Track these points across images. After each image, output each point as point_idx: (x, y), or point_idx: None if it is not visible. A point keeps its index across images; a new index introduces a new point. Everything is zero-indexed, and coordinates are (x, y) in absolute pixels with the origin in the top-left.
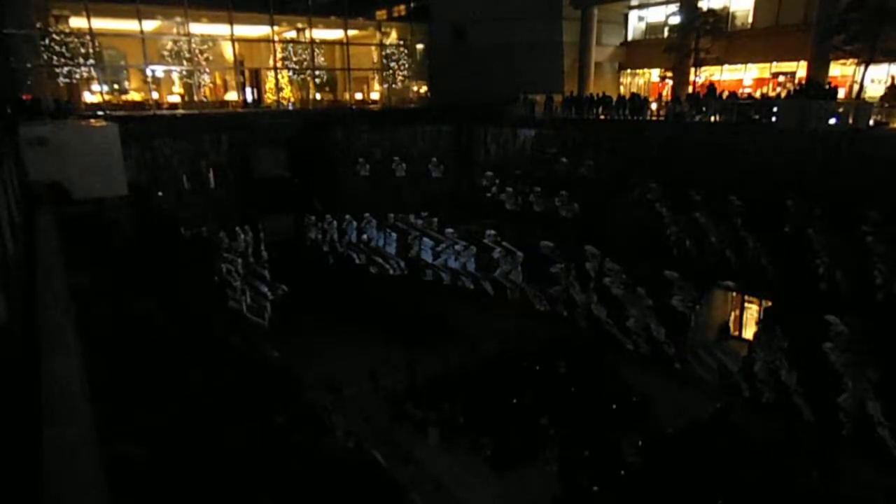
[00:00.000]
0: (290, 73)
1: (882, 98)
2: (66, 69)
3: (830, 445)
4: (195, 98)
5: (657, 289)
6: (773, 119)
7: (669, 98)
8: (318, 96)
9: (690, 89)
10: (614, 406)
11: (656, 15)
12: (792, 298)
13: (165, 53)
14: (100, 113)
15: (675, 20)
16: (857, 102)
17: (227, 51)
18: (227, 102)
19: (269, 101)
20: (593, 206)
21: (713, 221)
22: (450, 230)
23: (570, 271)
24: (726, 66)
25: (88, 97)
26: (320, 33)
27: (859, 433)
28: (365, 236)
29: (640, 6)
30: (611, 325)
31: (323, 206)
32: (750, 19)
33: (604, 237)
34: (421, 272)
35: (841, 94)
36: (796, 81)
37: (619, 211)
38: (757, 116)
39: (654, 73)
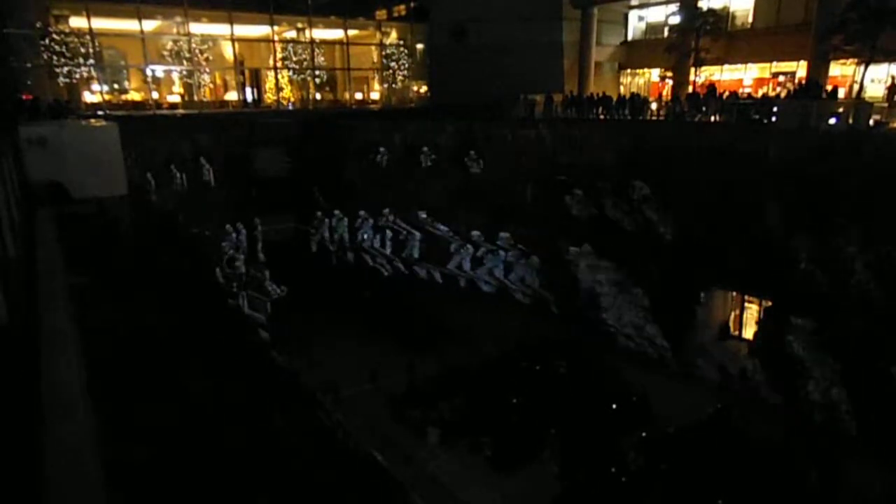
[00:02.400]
0: (290, 73)
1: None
2: (66, 69)
3: (830, 445)
4: (195, 98)
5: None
6: (774, 119)
7: (669, 98)
8: (318, 96)
9: (690, 89)
10: (614, 406)
11: (656, 15)
12: (842, 312)
13: (165, 53)
14: (100, 113)
15: (675, 20)
16: (857, 102)
17: (227, 51)
18: (227, 102)
19: (269, 100)
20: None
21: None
22: (476, 233)
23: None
24: (726, 66)
25: (88, 97)
26: (320, 33)
27: (861, 433)
28: (367, 236)
29: (640, 6)
30: (666, 349)
31: (328, 204)
32: (750, 19)
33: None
34: (428, 276)
35: (841, 94)
36: (796, 81)
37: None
38: (757, 116)
39: (654, 73)
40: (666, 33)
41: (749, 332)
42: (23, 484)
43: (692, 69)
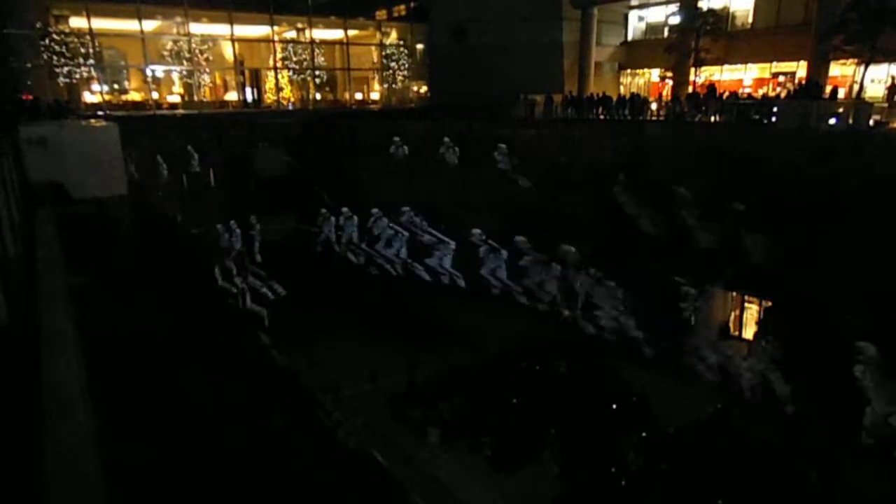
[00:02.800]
0: (290, 73)
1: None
2: (66, 69)
3: (830, 446)
4: (195, 98)
5: None
6: (773, 119)
7: (669, 98)
8: (318, 96)
9: (690, 89)
10: (614, 406)
11: (656, 15)
12: None
13: (165, 53)
14: (100, 113)
15: (675, 20)
16: (857, 102)
17: (227, 51)
18: (227, 102)
19: (269, 100)
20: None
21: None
22: (520, 238)
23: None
24: (726, 66)
25: (88, 97)
26: (320, 33)
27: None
28: (380, 235)
29: (640, 6)
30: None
31: (333, 203)
32: (750, 19)
33: None
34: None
35: (841, 94)
36: (796, 82)
37: None
38: (757, 117)
39: (654, 73)
40: (666, 33)
41: (749, 332)
42: (22, 484)
43: (692, 69)
